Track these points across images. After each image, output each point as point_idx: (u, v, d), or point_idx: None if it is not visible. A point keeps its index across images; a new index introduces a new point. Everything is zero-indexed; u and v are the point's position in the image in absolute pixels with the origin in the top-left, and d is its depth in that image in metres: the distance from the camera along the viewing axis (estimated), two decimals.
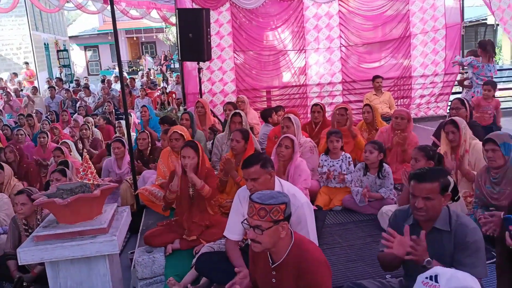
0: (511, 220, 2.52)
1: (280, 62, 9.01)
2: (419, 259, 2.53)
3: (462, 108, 5.59)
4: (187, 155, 4.01)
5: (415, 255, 2.54)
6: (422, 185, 2.61)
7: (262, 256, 2.57)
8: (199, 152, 4.09)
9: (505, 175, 3.89)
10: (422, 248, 2.55)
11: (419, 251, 2.54)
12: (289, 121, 5.23)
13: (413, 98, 9.53)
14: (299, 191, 3.41)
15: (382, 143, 4.86)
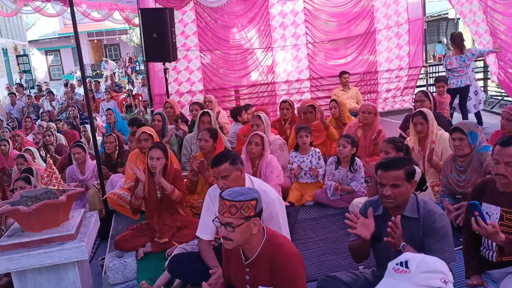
0: (476, 206, 2.57)
1: (248, 61, 8.99)
2: (396, 243, 2.57)
3: (427, 100, 5.71)
4: (155, 156, 3.94)
5: (393, 239, 2.58)
6: (388, 173, 2.65)
7: (235, 254, 2.54)
8: (167, 154, 4.03)
9: (470, 163, 3.99)
10: (399, 233, 2.58)
11: (397, 235, 2.58)
12: (259, 119, 5.22)
13: (380, 93, 9.69)
14: (270, 187, 3.39)
15: (355, 137, 4.92)
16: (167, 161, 4.03)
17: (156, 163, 3.93)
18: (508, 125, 4.32)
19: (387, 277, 1.60)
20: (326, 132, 5.80)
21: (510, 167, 2.75)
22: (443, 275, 1.56)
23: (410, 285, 1.52)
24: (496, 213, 2.88)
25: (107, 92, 11.65)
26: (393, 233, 2.55)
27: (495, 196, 2.90)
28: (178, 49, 7.85)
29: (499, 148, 2.82)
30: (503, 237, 2.58)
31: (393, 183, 2.64)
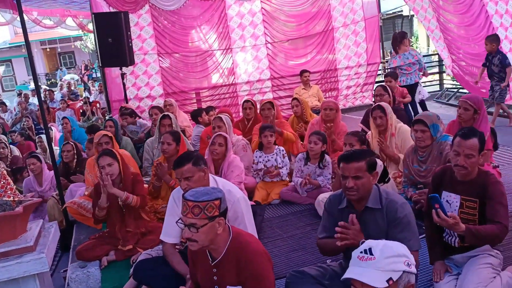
0: (436, 198, 2.63)
1: (208, 63, 8.94)
2: (354, 243, 2.58)
3: (385, 94, 5.82)
4: (105, 164, 3.84)
5: (350, 239, 2.59)
6: (350, 165, 2.67)
7: (201, 255, 2.49)
8: (117, 158, 3.92)
9: (431, 153, 4.09)
10: (355, 231, 2.60)
11: (352, 235, 2.60)
12: (220, 121, 5.17)
13: (340, 90, 9.84)
14: (235, 186, 3.36)
15: (325, 134, 4.95)
16: (120, 165, 3.92)
17: (108, 170, 3.82)
18: (465, 115, 4.44)
19: (352, 266, 1.60)
20: (282, 138, 5.79)
21: (469, 159, 2.82)
22: (406, 258, 1.58)
23: (376, 271, 1.52)
24: (456, 201, 2.96)
25: (62, 101, 11.30)
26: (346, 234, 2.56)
27: (454, 185, 2.98)
28: (135, 53, 7.70)
29: (459, 140, 2.88)
30: (463, 227, 2.65)
31: (355, 175, 2.66)
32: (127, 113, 6.87)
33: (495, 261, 2.92)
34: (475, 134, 2.88)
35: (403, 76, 7.72)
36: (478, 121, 4.42)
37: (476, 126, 4.39)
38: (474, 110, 4.41)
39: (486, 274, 2.82)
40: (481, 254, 2.92)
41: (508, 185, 4.71)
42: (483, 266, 2.85)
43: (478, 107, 4.44)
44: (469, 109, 4.43)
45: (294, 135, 5.90)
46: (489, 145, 4.46)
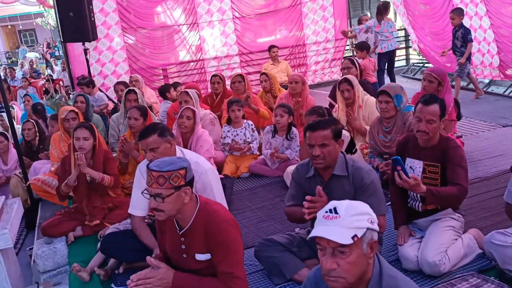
0: (398, 161, 2.68)
1: (174, 38, 8.76)
2: None
3: (353, 67, 5.86)
4: (81, 137, 3.73)
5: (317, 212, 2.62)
6: (316, 133, 2.69)
7: (169, 225, 2.47)
8: (95, 134, 3.83)
9: (395, 123, 4.16)
10: (323, 203, 2.62)
11: (319, 207, 2.62)
12: (187, 96, 5.10)
13: (309, 65, 9.84)
14: (202, 158, 3.33)
15: (291, 107, 4.95)
16: (95, 142, 3.83)
17: (83, 144, 3.72)
18: (430, 87, 4.53)
19: (318, 226, 1.61)
20: (258, 115, 5.78)
21: (431, 125, 2.89)
22: (369, 216, 1.61)
23: (341, 229, 1.55)
24: (419, 167, 3.03)
25: (24, 79, 10.89)
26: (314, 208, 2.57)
27: (417, 151, 3.05)
28: (97, 27, 7.46)
29: (421, 106, 2.94)
30: (424, 188, 2.72)
31: (321, 143, 2.68)
32: (84, 83, 6.66)
33: (456, 224, 3.02)
34: (436, 101, 2.95)
35: (384, 42, 7.92)
36: (442, 93, 4.52)
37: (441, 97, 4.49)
38: (438, 83, 4.51)
39: (448, 236, 2.92)
40: (443, 218, 3.01)
41: (470, 154, 4.87)
42: (445, 229, 2.95)
43: (442, 79, 4.54)
44: (433, 81, 4.52)
45: (269, 112, 5.88)
46: (453, 115, 4.58)
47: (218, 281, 2.35)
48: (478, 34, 7.95)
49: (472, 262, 2.94)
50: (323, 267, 1.58)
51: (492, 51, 7.80)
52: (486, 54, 7.96)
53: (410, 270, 2.86)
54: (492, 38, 7.69)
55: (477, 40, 7.95)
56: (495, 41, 7.65)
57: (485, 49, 7.96)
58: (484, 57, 8.03)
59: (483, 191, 4.01)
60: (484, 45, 7.94)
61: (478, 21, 7.87)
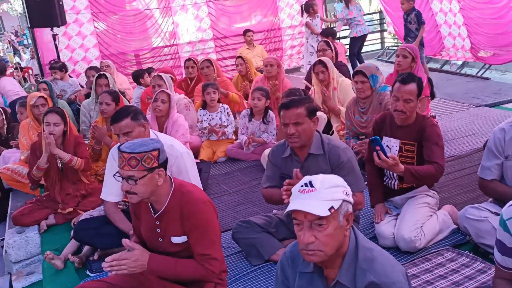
0: (377, 141, 2.68)
1: (147, 24, 8.58)
2: None
3: (328, 49, 5.84)
4: (52, 122, 3.63)
5: None
6: (290, 111, 2.67)
7: (143, 208, 2.42)
8: (66, 119, 3.73)
9: (371, 104, 4.17)
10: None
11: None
12: (160, 79, 4.99)
13: (284, 50, 9.78)
14: (177, 141, 3.26)
15: (268, 90, 4.90)
16: (66, 127, 3.72)
17: (54, 129, 3.62)
18: (404, 62, 4.58)
19: (294, 200, 1.59)
20: (227, 100, 5.72)
21: (408, 104, 2.88)
22: (344, 188, 1.60)
23: (318, 201, 1.53)
24: (395, 146, 3.04)
25: None
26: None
27: (394, 130, 3.05)
28: (66, 12, 7.21)
29: (398, 85, 2.93)
30: (402, 167, 2.73)
31: (295, 121, 2.66)
32: (57, 67, 6.45)
33: (432, 201, 3.05)
34: (413, 79, 2.94)
35: (358, 27, 7.96)
36: (416, 70, 4.57)
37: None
38: (412, 58, 4.55)
39: (423, 213, 2.95)
40: (419, 195, 3.04)
41: (445, 133, 4.84)
42: (421, 206, 2.98)
43: (415, 55, 4.61)
44: (407, 56, 4.57)
45: (239, 95, 5.82)
46: (427, 92, 4.61)
47: (195, 263, 2.31)
48: (449, 17, 8.03)
49: (447, 237, 2.98)
50: (301, 241, 1.57)
51: (462, 34, 7.90)
52: (457, 37, 8.05)
53: (386, 247, 2.88)
54: (462, 21, 7.77)
55: (447, 24, 8.03)
56: (464, 25, 7.73)
57: (455, 32, 8.04)
58: (455, 40, 8.11)
59: (457, 169, 4.07)
60: (454, 28, 8.02)
61: (448, 5, 7.94)
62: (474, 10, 7.61)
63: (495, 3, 7.03)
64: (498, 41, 7.13)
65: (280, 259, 1.86)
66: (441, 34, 8.20)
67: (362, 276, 1.57)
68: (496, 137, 2.72)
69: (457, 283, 2.53)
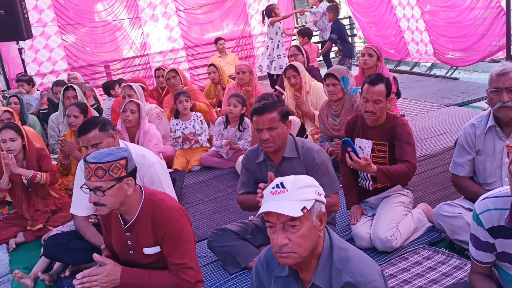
0: (348, 142, 2.68)
1: (116, 34, 8.46)
2: None
3: (299, 54, 5.86)
4: (7, 138, 3.52)
5: None
6: (263, 116, 2.64)
7: (113, 219, 2.34)
8: (22, 133, 3.61)
9: (343, 106, 4.18)
10: None
11: None
12: (130, 89, 4.91)
13: (256, 56, 9.77)
14: (149, 151, 3.21)
15: (244, 97, 4.86)
16: (24, 141, 3.61)
17: (11, 145, 3.50)
18: (370, 60, 4.64)
19: (266, 202, 1.56)
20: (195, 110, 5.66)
21: (378, 105, 2.90)
22: (316, 188, 1.57)
23: (290, 202, 1.51)
24: (368, 146, 3.04)
25: None
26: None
27: (365, 131, 3.06)
28: (32, 25, 7.04)
29: (367, 86, 2.94)
30: (375, 168, 2.73)
31: (269, 126, 2.64)
32: (24, 80, 6.27)
33: (406, 200, 3.07)
34: (381, 80, 2.96)
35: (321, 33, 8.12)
36: (381, 68, 4.64)
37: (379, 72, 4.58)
38: (377, 57, 4.63)
39: (398, 212, 2.96)
40: (393, 195, 3.05)
41: (416, 133, 4.95)
42: (396, 205, 2.99)
43: (380, 53, 4.70)
44: (373, 54, 4.64)
45: (206, 104, 5.75)
46: (393, 88, 4.66)
47: (170, 273, 2.25)
48: (411, 23, 8.12)
49: (423, 235, 2.99)
50: (275, 243, 1.53)
51: (425, 40, 7.99)
52: (420, 43, 8.15)
53: (363, 248, 2.86)
54: (424, 27, 7.88)
55: (410, 30, 8.16)
56: (426, 30, 7.86)
57: (418, 38, 8.14)
58: (418, 45, 8.22)
59: (430, 168, 4.11)
60: (417, 34, 8.11)
61: (410, 11, 8.05)
62: (436, 14, 7.74)
63: (457, 6, 7.18)
64: (460, 43, 7.27)
65: (255, 264, 1.82)
66: (405, 40, 8.32)
67: (337, 276, 1.54)
68: (466, 132, 2.76)
69: (434, 280, 2.53)
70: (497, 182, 2.62)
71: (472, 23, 6.94)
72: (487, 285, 1.87)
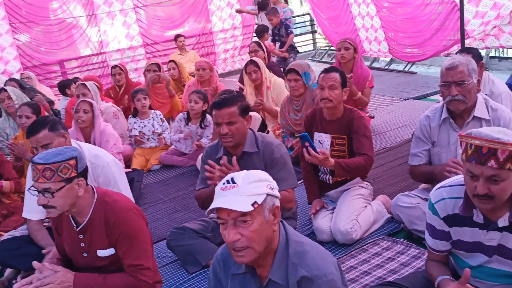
0: (306, 137, 2.68)
1: (72, 32, 8.19)
2: None
3: (260, 50, 5.85)
4: None
5: None
6: (222, 111, 2.60)
7: (65, 222, 2.25)
8: None
9: (305, 101, 4.19)
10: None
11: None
12: (85, 88, 4.76)
13: (218, 53, 9.69)
14: (103, 150, 3.10)
15: (206, 93, 4.78)
16: None
17: None
18: (348, 53, 4.63)
19: (216, 199, 1.51)
20: (171, 100, 5.57)
21: (333, 91, 2.91)
22: (268, 182, 1.55)
23: (240, 197, 1.47)
24: (327, 140, 3.05)
25: None
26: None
27: (324, 125, 3.07)
28: None
29: (323, 75, 2.99)
30: (332, 162, 2.74)
31: (228, 121, 2.61)
32: None
33: (365, 192, 3.09)
34: (336, 70, 3.02)
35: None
36: (358, 61, 4.67)
37: (357, 66, 4.65)
38: (354, 49, 4.64)
39: (358, 204, 2.98)
40: (353, 187, 3.07)
41: (376, 127, 5.08)
42: (355, 198, 3.01)
43: (356, 45, 4.72)
44: (349, 47, 4.65)
45: (181, 102, 5.67)
46: (371, 83, 4.71)
47: (126, 275, 2.18)
48: (366, 21, 8.21)
49: (382, 226, 3.03)
50: (227, 240, 1.49)
51: (379, 38, 8.08)
52: (373, 41, 8.21)
53: (324, 241, 2.88)
54: (379, 24, 7.98)
55: (365, 28, 8.25)
56: (382, 27, 7.96)
57: (372, 36, 8.20)
58: (371, 44, 8.29)
59: (389, 160, 4.17)
60: (371, 32, 8.17)
61: (365, 8, 8.13)
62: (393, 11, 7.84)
63: (412, 2, 7.30)
64: (416, 38, 7.41)
65: (212, 262, 1.78)
66: (360, 38, 8.40)
67: (293, 271, 1.51)
68: (422, 124, 2.80)
69: (394, 270, 2.56)
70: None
71: (427, 18, 7.08)
72: (441, 269, 1.89)
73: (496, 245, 1.76)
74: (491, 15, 6.30)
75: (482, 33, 6.48)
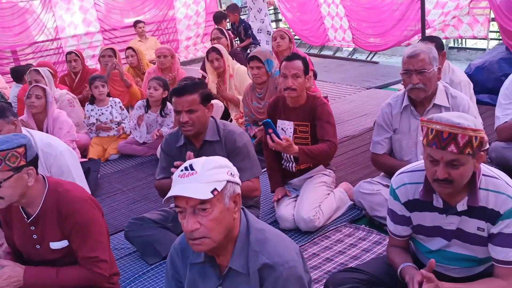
0: (269, 123, 2.64)
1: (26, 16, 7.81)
2: None
3: (223, 37, 5.76)
4: None
5: None
6: (182, 98, 2.52)
7: (14, 214, 2.12)
8: None
9: (267, 89, 4.14)
10: None
11: None
12: (37, 74, 4.52)
13: (180, 41, 9.48)
14: (56, 139, 2.98)
15: (166, 80, 4.63)
16: None
17: None
18: (283, 42, 4.71)
19: (174, 186, 1.44)
20: (128, 90, 5.39)
21: (296, 80, 2.87)
22: (229, 168, 1.48)
23: (199, 184, 1.40)
24: (290, 128, 3.02)
25: None
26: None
27: (287, 112, 3.03)
28: None
29: (285, 63, 2.94)
30: (296, 148, 2.71)
31: (188, 108, 2.53)
32: None
33: (328, 180, 3.09)
34: (298, 57, 2.98)
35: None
36: (293, 50, 4.67)
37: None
38: (289, 38, 4.73)
39: (321, 192, 2.97)
40: (316, 175, 3.06)
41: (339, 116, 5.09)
42: (318, 185, 3.00)
43: (290, 35, 4.80)
44: (284, 36, 4.74)
45: (141, 91, 5.49)
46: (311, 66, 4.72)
47: (80, 268, 2.08)
48: (332, 9, 8.22)
49: (345, 213, 3.04)
50: (185, 229, 1.43)
51: (344, 26, 8.11)
52: (338, 29, 8.24)
53: (287, 229, 2.86)
54: (344, 12, 8.01)
55: (330, 15, 8.26)
56: (346, 16, 7.99)
57: (337, 24, 8.22)
58: (336, 32, 8.31)
59: (351, 148, 4.20)
60: (337, 20, 8.18)
61: None
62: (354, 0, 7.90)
63: None
64: (378, 28, 7.47)
65: (170, 252, 1.71)
66: (325, 26, 8.42)
67: (254, 259, 1.47)
68: (383, 112, 2.81)
69: (355, 257, 2.57)
70: (413, 159, 2.69)
71: (388, 8, 7.15)
72: (403, 256, 1.90)
73: (455, 229, 1.78)
74: (451, 5, 6.44)
75: (442, 23, 6.61)
